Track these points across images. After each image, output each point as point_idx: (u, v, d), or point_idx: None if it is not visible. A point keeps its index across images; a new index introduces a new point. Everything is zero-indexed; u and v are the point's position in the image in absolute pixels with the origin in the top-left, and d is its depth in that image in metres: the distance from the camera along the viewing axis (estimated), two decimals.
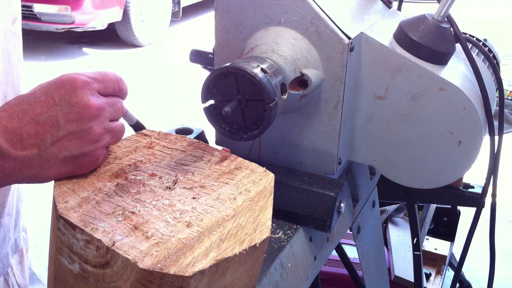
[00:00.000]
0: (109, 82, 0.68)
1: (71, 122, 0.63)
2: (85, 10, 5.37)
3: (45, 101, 0.63)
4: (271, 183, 0.68)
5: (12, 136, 0.61)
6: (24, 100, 0.64)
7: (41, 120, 0.62)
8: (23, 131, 0.62)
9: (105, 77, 0.68)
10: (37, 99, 0.63)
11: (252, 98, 0.74)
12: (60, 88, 0.64)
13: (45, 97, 0.63)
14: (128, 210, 0.60)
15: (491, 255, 1.12)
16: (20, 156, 0.62)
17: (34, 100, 0.63)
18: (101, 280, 0.56)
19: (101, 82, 0.67)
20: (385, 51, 0.85)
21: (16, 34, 0.92)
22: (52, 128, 0.63)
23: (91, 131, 0.65)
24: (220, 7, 0.87)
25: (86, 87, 0.65)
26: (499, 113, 0.96)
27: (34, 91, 0.65)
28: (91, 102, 0.65)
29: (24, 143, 0.62)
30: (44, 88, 0.64)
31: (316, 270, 0.89)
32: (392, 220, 2.11)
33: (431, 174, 0.89)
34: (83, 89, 0.65)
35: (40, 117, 0.62)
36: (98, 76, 0.67)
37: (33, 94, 0.64)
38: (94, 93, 0.66)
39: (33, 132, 0.62)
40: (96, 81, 0.67)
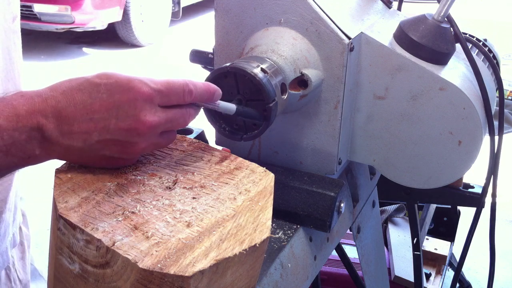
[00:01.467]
0: (174, 95, 0.66)
1: (120, 131, 0.63)
2: (85, 10, 5.36)
3: (106, 101, 0.62)
4: (271, 183, 0.68)
5: (64, 125, 0.61)
6: (86, 89, 0.62)
7: (95, 118, 0.62)
8: (75, 124, 0.62)
9: (171, 89, 0.66)
10: (99, 95, 0.62)
11: (252, 98, 0.74)
12: (124, 93, 0.63)
13: (107, 96, 0.62)
14: (128, 210, 0.60)
15: (491, 255, 1.12)
16: (66, 145, 0.62)
17: (96, 95, 0.62)
18: (101, 280, 0.56)
19: (165, 96, 0.66)
20: (385, 51, 0.85)
21: (16, 32, 0.92)
22: (102, 129, 0.63)
23: (135, 145, 0.65)
24: (220, 7, 0.87)
25: (147, 101, 0.64)
26: (499, 113, 0.96)
27: (100, 82, 0.63)
28: (146, 119, 0.64)
29: (73, 135, 0.62)
30: (110, 85, 0.63)
31: (316, 270, 0.89)
32: (392, 220, 2.11)
33: (431, 174, 0.89)
34: (144, 103, 0.63)
35: (96, 115, 0.62)
36: (164, 88, 0.65)
37: (97, 86, 0.63)
38: (153, 108, 0.65)
39: (84, 128, 0.62)
40: (160, 95, 0.65)
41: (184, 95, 0.67)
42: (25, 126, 0.60)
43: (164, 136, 0.68)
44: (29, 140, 0.60)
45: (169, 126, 0.67)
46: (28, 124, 0.60)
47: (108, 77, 0.63)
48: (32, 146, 0.61)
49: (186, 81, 0.68)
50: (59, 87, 0.63)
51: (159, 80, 0.66)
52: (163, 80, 0.66)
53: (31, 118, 0.60)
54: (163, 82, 0.66)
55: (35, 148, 0.61)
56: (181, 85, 0.67)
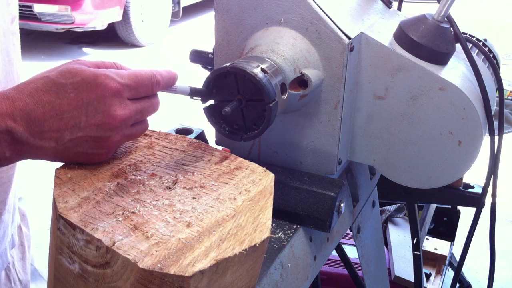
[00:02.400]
0: (142, 87, 0.67)
1: (92, 127, 0.64)
2: (85, 10, 5.37)
3: (74, 99, 0.62)
4: (271, 183, 0.68)
5: (34, 126, 0.61)
6: (53, 89, 0.62)
7: (65, 117, 0.62)
8: (46, 124, 0.62)
9: (138, 82, 0.66)
10: (67, 94, 0.62)
11: (252, 98, 0.74)
12: (91, 90, 0.63)
13: (75, 94, 0.62)
14: (128, 210, 0.60)
15: (491, 255, 1.12)
16: (38, 145, 0.63)
17: (63, 94, 0.62)
18: (101, 280, 0.56)
19: (133, 89, 0.66)
20: (385, 51, 0.85)
21: (15, 33, 0.92)
22: (73, 127, 0.63)
23: (109, 139, 0.66)
24: (220, 7, 0.87)
25: (116, 96, 0.64)
26: (499, 113, 0.96)
27: (65, 82, 0.63)
28: (116, 114, 0.64)
29: (44, 135, 0.62)
30: (77, 83, 0.63)
31: (316, 270, 0.89)
32: (392, 220, 2.11)
33: (431, 174, 0.89)
34: (112, 98, 0.64)
35: (65, 114, 0.62)
36: (132, 82, 0.66)
37: (63, 86, 0.63)
38: (122, 102, 0.65)
39: (55, 127, 0.62)
40: (128, 89, 0.65)
41: (152, 87, 0.68)
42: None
43: (137, 126, 0.69)
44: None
45: (139, 117, 0.68)
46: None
47: (73, 75, 0.63)
48: (2, 148, 0.61)
49: (153, 73, 0.68)
50: (25, 89, 0.62)
51: (127, 73, 0.66)
52: (131, 73, 0.66)
53: (0, 121, 0.60)
54: (131, 76, 0.66)
55: (5, 150, 0.61)
56: (149, 77, 0.67)
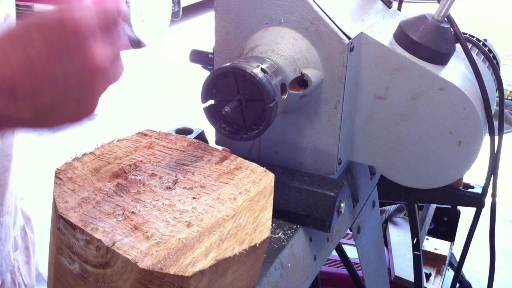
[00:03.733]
0: (110, 18, 0.58)
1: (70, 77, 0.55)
2: None
3: (44, 52, 0.53)
4: (271, 183, 0.68)
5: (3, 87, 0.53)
6: (17, 39, 0.53)
7: (39, 73, 0.54)
8: (17, 83, 0.54)
9: (107, 14, 0.57)
10: (35, 46, 0.53)
11: (252, 98, 0.74)
12: (61, 35, 0.54)
13: (43, 44, 0.53)
14: (128, 210, 0.60)
15: (491, 255, 1.12)
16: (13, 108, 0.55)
17: (30, 45, 0.53)
18: (101, 280, 0.56)
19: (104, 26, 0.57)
20: (385, 51, 0.85)
21: None
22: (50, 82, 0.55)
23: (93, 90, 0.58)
24: (220, 7, 0.87)
25: (90, 38, 0.55)
26: (499, 113, 0.96)
27: (29, 30, 0.54)
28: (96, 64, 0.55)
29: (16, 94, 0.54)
30: (42, 31, 0.54)
31: (316, 270, 0.89)
32: (392, 220, 2.11)
33: (431, 174, 0.89)
34: (87, 41, 0.54)
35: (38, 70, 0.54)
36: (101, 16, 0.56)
37: (28, 36, 0.53)
38: (98, 44, 0.56)
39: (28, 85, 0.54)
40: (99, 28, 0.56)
41: (118, 13, 0.59)
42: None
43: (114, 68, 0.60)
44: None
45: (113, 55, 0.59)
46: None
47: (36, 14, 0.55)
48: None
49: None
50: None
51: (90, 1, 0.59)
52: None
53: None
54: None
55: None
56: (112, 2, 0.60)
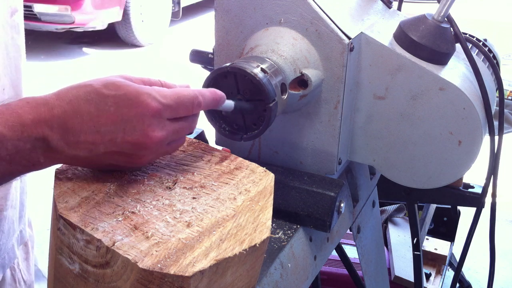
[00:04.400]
0: (182, 108, 0.65)
1: (127, 144, 0.63)
2: (85, 10, 5.36)
3: (113, 114, 0.61)
4: (271, 183, 0.68)
5: (69, 135, 0.60)
6: (93, 100, 0.61)
7: (102, 131, 0.61)
8: (82, 136, 0.61)
9: (180, 103, 0.65)
10: (107, 108, 0.61)
11: (252, 98, 0.74)
12: (132, 108, 0.61)
13: (115, 109, 0.61)
14: (128, 210, 0.60)
15: (491, 255, 1.12)
16: (71, 155, 0.62)
17: (103, 107, 0.61)
18: (101, 280, 0.56)
19: (174, 110, 0.64)
20: (385, 51, 0.85)
21: (16, 27, 0.91)
22: (108, 142, 0.62)
23: (141, 157, 0.65)
24: (220, 7, 0.87)
25: (156, 116, 0.63)
26: (499, 113, 0.96)
27: (108, 93, 0.61)
28: (154, 134, 0.63)
29: (79, 145, 0.61)
30: (118, 98, 0.61)
31: (316, 270, 0.89)
32: (392, 220, 2.11)
33: (431, 174, 0.89)
34: (152, 118, 0.62)
35: (102, 128, 0.61)
36: (174, 103, 0.64)
37: (104, 98, 0.61)
38: (161, 123, 0.64)
39: (90, 140, 0.61)
40: (168, 109, 0.64)
41: (193, 108, 0.67)
42: (30, 136, 0.59)
43: (172, 144, 0.68)
44: (34, 149, 0.60)
45: (175, 136, 0.67)
46: (33, 134, 0.59)
47: (117, 88, 0.62)
48: (37, 154, 0.60)
49: (196, 94, 0.67)
50: (66, 96, 0.61)
51: (169, 92, 0.65)
52: (173, 92, 0.65)
53: (36, 128, 0.59)
54: (173, 96, 0.65)
55: (40, 156, 0.61)
56: (191, 99, 0.66)
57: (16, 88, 0.92)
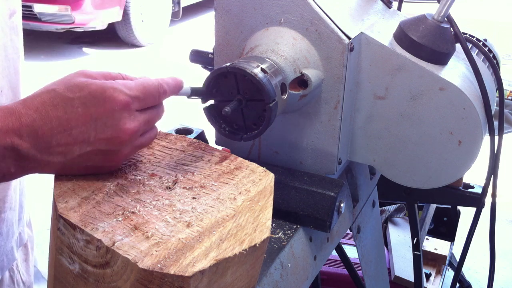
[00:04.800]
0: (150, 98, 0.66)
1: (101, 141, 0.63)
2: (85, 10, 5.36)
3: (82, 115, 0.61)
4: (271, 183, 0.68)
5: (41, 142, 0.60)
6: (60, 104, 0.61)
7: (73, 133, 0.61)
8: (53, 140, 0.60)
9: (146, 93, 0.65)
10: (74, 110, 0.61)
11: (252, 98, 0.74)
12: (99, 105, 0.61)
13: (83, 110, 0.61)
14: (128, 210, 0.60)
15: (491, 255, 1.12)
16: (45, 160, 0.61)
17: (71, 110, 0.61)
18: (101, 280, 0.56)
19: (141, 100, 0.65)
20: (385, 51, 0.85)
21: (14, 28, 0.91)
22: (82, 143, 0.62)
23: (118, 153, 0.65)
24: (220, 7, 0.87)
25: (125, 109, 0.63)
26: (499, 113, 0.96)
27: (73, 96, 0.61)
28: (126, 127, 0.63)
29: (52, 150, 0.61)
30: (84, 98, 0.61)
31: (316, 270, 0.89)
32: (392, 220, 2.10)
33: (431, 174, 0.89)
34: (121, 111, 0.62)
35: (74, 130, 0.61)
36: (140, 93, 0.64)
37: (70, 101, 0.61)
38: (131, 115, 0.64)
39: (63, 142, 0.61)
40: (136, 100, 0.64)
41: (159, 96, 0.67)
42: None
43: (146, 136, 0.68)
44: (3, 159, 0.59)
45: (147, 126, 0.67)
46: (1, 144, 0.58)
47: (80, 89, 0.62)
48: (7, 164, 0.59)
49: (159, 82, 0.67)
50: (32, 104, 0.60)
51: (134, 84, 0.65)
52: (138, 83, 0.65)
53: (5, 137, 0.58)
54: (139, 87, 0.65)
55: (10, 166, 0.60)
56: (156, 87, 0.67)
57: (15, 90, 0.92)
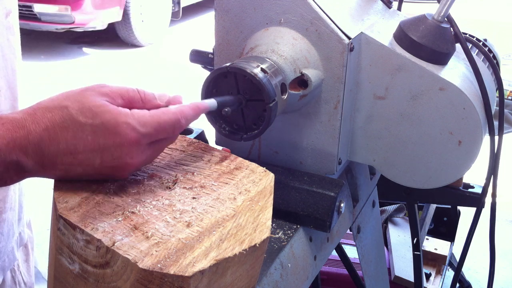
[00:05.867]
0: (163, 134, 0.64)
1: (105, 168, 0.62)
2: (85, 10, 5.36)
3: (91, 143, 0.60)
4: (271, 183, 0.68)
5: (45, 160, 0.60)
6: (70, 127, 0.60)
7: (79, 157, 0.61)
8: (58, 160, 0.60)
9: (160, 130, 0.63)
10: (84, 136, 0.60)
11: (252, 98, 0.74)
12: (109, 137, 0.60)
13: (92, 138, 0.60)
14: (128, 210, 0.60)
15: (491, 255, 1.12)
16: (47, 174, 0.62)
17: (80, 135, 0.60)
18: (101, 280, 0.56)
19: (153, 137, 0.63)
20: (385, 51, 0.85)
21: (10, 28, 0.90)
22: (86, 167, 0.62)
23: (121, 176, 0.65)
24: (220, 7, 0.87)
25: (135, 146, 0.62)
26: (499, 113, 0.96)
27: (85, 121, 0.60)
28: (132, 162, 0.62)
29: (56, 168, 0.61)
30: (96, 127, 0.60)
31: (316, 270, 0.89)
32: (392, 220, 2.11)
33: (431, 174, 0.89)
34: (130, 147, 0.61)
35: (80, 155, 0.60)
36: (154, 131, 0.62)
37: (81, 126, 0.60)
38: (139, 149, 0.63)
39: (67, 162, 0.61)
40: (148, 137, 0.62)
41: (174, 131, 0.65)
42: (4, 161, 0.58)
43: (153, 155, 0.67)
44: (6, 171, 0.59)
45: (156, 154, 0.67)
46: (6, 159, 0.58)
47: (93, 115, 0.60)
48: (9, 175, 0.60)
49: (177, 117, 0.64)
50: (42, 120, 0.59)
51: (149, 119, 0.62)
52: (154, 119, 0.63)
53: (11, 153, 0.58)
54: (154, 123, 0.62)
55: (12, 176, 0.60)
56: (172, 124, 0.64)
57: (13, 90, 0.92)
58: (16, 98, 0.93)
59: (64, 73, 5.23)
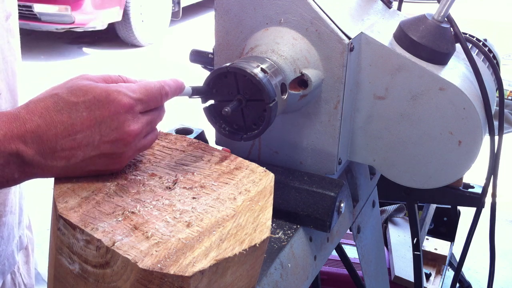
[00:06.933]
0: (152, 100, 0.66)
1: (106, 144, 0.63)
2: (85, 10, 5.36)
3: (87, 119, 0.61)
4: (271, 183, 0.68)
5: (45, 148, 0.60)
6: (64, 109, 0.61)
7: (78, 137, 0.61)
8: (58, 145, 0.60)
9: (149, 96, 0.66)
10: (79, 114, 0.61)
11: (252, 98, 0.74)
12: (104, 108, 0.62)
13: (87, 113, 0.61)
14: (128, 210, 0.60)
15: (491, 255, 1.12)
16: (49, 165, 0.62)
17: (75, 114, 0.61)
18: (101, 280, 0.56)
19: (144, 103, 0.65)
20: (385, 51, 0.85)
21: (11, 30, 0.91)
22: (86, 147, 0.62)
23: (122, 155, 0.65)
24: (220, 7, 0.87)
25: (129, 111, 0.63)
26: (499, 113, 0.96)
27: (77, 100, 0.61)
28: (130, 129, 0.64)
29: (56, 155, 0.61)
30: (89, 102, 0.61)
31: (316, 270, 0.89)
32: (392, 220, 2.11)
33: (431, 174, 0.89)
34: (126, 114, 0.63)
35: (78, 134, 0.61)
36: (143, 96, 0.65)
37: (75, 105, 0.61)
38: (135, 117, 0.64)
39: (68, 147, 0.61)
40: (140, 103, 0.65)
41: (161, 98, 0.68)
42: (3, 152, 0.58)
43: (148, 137, 0.69)
44: (7, 165, 0.59)
45: (149, 128, 0.68)
46: (5, 150, 0.58)
47: (84, 92, 0.62)
48: (11, 170, 0.60)
49: (161, 84, 0.68)
50: (35, 109, 0.60)
51: (136, 86, 0.65)
52: (141, 86, 0.66)
53: (10, 143, 0.58)
54: (142, 89, 0.65)
55: (14, 172, 0.60)
56: (158, 89, 0.67)
57: (13, 92, 0.92)
58: (17, 100, 0.93)
59: (64, 73, 5.23)
